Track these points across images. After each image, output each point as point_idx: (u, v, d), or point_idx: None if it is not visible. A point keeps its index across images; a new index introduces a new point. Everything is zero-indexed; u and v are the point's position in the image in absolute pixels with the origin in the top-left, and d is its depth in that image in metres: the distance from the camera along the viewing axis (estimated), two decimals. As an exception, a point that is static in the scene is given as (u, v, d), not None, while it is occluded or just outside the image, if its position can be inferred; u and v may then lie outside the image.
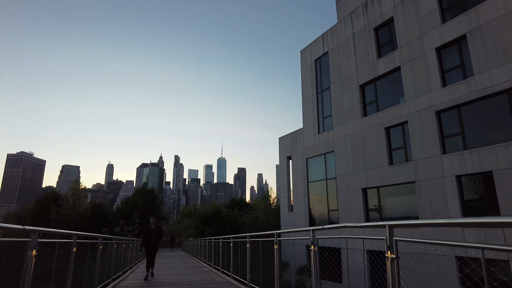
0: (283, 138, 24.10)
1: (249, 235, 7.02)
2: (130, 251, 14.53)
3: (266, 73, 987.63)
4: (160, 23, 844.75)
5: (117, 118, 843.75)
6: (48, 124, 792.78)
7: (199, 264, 14.27)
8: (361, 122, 17.62)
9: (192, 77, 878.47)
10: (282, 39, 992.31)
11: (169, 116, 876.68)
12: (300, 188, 21.31)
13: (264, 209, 26.46)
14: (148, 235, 10.13)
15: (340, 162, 18.48)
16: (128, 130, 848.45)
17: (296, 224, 21.38)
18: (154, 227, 10.34)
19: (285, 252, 17.76)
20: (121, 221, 24.53)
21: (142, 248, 10.26)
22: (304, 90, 22.49)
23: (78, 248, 6.37)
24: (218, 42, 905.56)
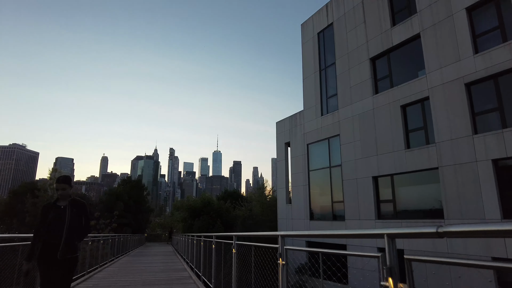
0: (280, 122, 21.70)
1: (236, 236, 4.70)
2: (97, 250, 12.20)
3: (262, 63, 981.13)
4: (155, 14, 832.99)
5: (111, 110, 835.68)
6: (41, 116, 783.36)
7: (180, 266, 11.94)
8: (372, 101, 15.27)
9: (186, 69, 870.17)
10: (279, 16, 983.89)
11: (164, 109, 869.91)
12: (299, 178, 18.99)
13: (259, 201, 24.22)
14: (49, 224, 3.91)
15: (346, 147, 16.16)
16: (123, 122, 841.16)
17: (295, 217, 19.11)
18: (68, 205, 4.07)
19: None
20: (97, 213, 22.14)
21: (33, 262, 3.84)
22: (305, 68, 20.05)
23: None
24: (213, 30, 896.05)
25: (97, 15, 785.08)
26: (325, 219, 17.20)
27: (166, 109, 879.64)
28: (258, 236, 4.03)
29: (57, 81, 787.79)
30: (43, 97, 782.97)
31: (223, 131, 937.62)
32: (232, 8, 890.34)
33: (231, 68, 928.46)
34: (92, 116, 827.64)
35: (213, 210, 22.33)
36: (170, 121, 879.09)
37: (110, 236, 14.21)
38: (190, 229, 22.20)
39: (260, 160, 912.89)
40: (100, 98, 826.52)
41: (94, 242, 11.14)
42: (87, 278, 8.39)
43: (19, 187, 29.66)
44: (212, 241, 6.32)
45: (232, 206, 24.98)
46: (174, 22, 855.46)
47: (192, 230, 21.46)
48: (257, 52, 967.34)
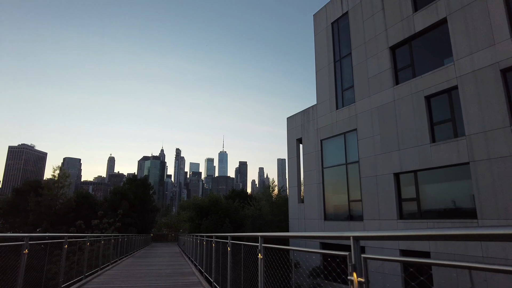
0: (292, 118, 20.70)
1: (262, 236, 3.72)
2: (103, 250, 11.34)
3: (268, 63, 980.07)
4: (160, 15, 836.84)
5: (118, 111, 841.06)
6: (50, 116, 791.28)
7: (187, 269, 11.00)
8: (392, 92, 14.21)
9: (192, 70, 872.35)
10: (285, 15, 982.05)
11: (170, 109, 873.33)
12: (312, 176, 17.98)
13: (268, 201, 23.27)
14: None
15: (364, 143, 15.12)
16: (129, 122, 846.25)
17: (308, 217, 18.11)
18: None
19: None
20: (100, 212, 21.36)
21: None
22: (318, 60, 19.03)
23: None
24: (216, 30, 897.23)
25: (104, 17, 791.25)
26: (340, 219, 16.18)
27: (172, 110, 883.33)
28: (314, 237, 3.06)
29: (65, 82, 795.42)
30: (52, 98, 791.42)
31: (228, 131, 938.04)
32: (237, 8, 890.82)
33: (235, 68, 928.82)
34: (99, 117, 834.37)
35: (221, 209, 21.40)
36: (176, 122, 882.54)
37: (113, 236, 13.34)
38: (197, 229, 21.31)
39: (266, 161, 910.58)
40: (107, 99, 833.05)
41: (94, 243, 10.28)
42: (83, 284, 7.50)
43: (22, 186, 29.02)
44: (228, 243, 5.36)
45: (241, 205, 24.05)
46: (178, 22, 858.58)
47: (200, 230, 20.57)
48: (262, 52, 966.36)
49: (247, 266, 4.50)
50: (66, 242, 7.09)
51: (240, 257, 4.81)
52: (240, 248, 4.91)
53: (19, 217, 25.86)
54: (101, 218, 20.12)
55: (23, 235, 4.70)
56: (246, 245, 4.66)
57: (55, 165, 28.86)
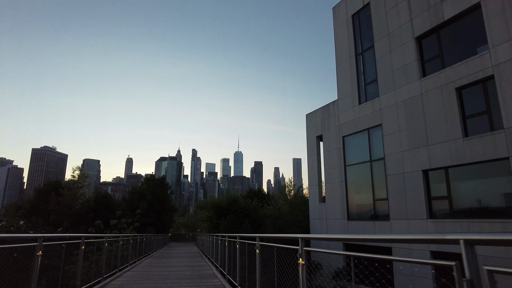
0: (311, 114, 20.09)
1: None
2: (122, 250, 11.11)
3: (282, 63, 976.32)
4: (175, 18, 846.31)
5: (136, 113, 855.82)
6: (70, 119, 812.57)
7: (208, 271, 10.61)
8: (419, 85, 13.45)
9: (207, 71, 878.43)
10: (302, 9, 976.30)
11: (186, 110, 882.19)
12: (334, 174, 17.34)
13: (287, 200, 22.73)
14: None
15: (390, 138, 14.40)
16: (146, 124, 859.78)
17: (329, 217, 17.49)
18: None
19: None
20: (119, 211, 21.33)
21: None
22: (339, 54, 18.37)
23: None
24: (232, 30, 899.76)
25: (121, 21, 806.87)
26: (365, 219, 15.50)
27: (188, 111, 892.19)
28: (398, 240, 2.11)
29: (85, 87, 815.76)
30: (72, 102, 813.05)
31: (244, 131, 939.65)
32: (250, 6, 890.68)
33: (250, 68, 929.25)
34: (117, 119, 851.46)
35: (240, 209, 21.01)
36: (192, 123, 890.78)
37: (132, 236, 13.12)
38: (216, 228, 21.02)
39: (281, 160, 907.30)
40: (125, 102, 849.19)
41: (113, 243, 10.03)
42: (102, 286, 7.20)
43: (43, 186, 29.53)
44: (256, 245, 4.88)
45: (259, 205, 23.59)
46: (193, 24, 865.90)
47: (219, 229, 20.26)
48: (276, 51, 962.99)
49: (282, 271, 4.04)
50: (83, 243, 6.82)
51: (271, 261, 4.35)
52: (271, 250, 4.44)
53: (41, 217, 26.26)
54: (120, 218, 20.07)
55: (36, 236, 4.41)
56: (280, 248, 4.17)
57: (74, 165, 29.27)
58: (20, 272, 5.82)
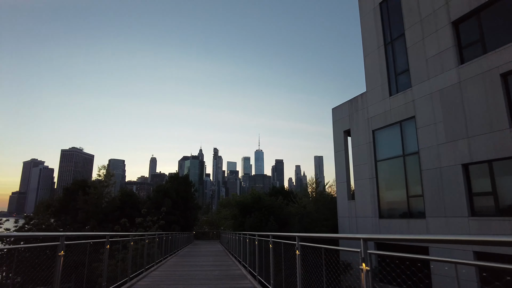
0: (338, 108, 19.34)
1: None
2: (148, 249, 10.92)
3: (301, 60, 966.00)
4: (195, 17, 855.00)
5: (159, 113, 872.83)
6: (96, 121, 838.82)
7: (236, 271, 10.22)
8: (457, 72, 12.50)
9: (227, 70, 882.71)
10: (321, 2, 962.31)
11: (207, 110, 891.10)
12: (364, 170, 16.57)
13: (313, 198, 22.07)
14: None
15: (425, 131, 13.51)
16: (169, 124, 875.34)
17: (359, 215, 16.74)
18: None
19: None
20: (144, 209, 21.37)
21: None
22: (366, 45, 17.54)
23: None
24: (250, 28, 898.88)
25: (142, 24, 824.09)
26: (398, 217, 14.68)
27: (209, 110, 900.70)
28: None
29: (110, 88, 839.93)
30: (97, 104, 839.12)
31: (264, 130, 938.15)
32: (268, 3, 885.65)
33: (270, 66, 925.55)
34: (141, 120, 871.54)
35: (264, 206, 20.58)
36: (213, 122, 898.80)
37: (157, 234, 12.94)
38: (241, 226, 20.70)
39: (303, 158, 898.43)
40: (148, 103, 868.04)
41: (138, 241, 9.81)
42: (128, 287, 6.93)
43: (71, 185, 30.27)
44: (296, 245, 4.38)
45: (285, 203, 23.06)
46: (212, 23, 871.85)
47: (244, 227, 19.92)
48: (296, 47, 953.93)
49: (331, 277, 3.55)
50: (108, 242, 6.57)
51: (317, 264, 3.86)
52: (316, 252, 3.94)
53: (69, 215, 26.87)
54: (145, 216, 20.10)
55: (58, 234, 4.13)
56: (330, 250, 3.64)
57: (100, 164, 29.83)
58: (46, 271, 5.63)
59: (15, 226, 21.14)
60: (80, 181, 30.95)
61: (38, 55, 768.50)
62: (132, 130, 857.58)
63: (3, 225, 19.67)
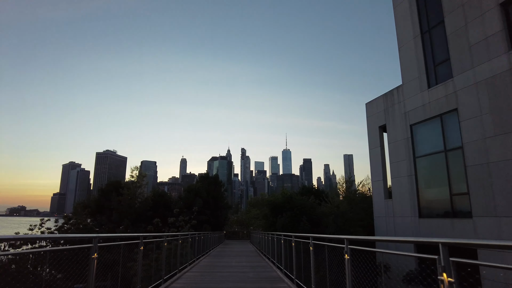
0: (372, 103, 18.52)
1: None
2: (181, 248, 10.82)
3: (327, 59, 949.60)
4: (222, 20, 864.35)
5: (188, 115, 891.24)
6: (128, 124, 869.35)
7: (271, 272, 9.89)
8: (507, 59, 11.45)
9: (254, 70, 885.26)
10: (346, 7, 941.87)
11: (234, 110, 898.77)
12: (402, 167, 15.70)
13: (347, 197, 21.31)
14: None
15: (469, 124, 12.53)
16: (198, 126, 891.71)
17: (397, 214, 15.89)
18: None
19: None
20: (176, 209, 21.57)
21: None
22: (401, 35, 16.63)
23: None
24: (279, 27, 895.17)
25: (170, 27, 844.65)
26: (440, 216, 13.74)
27: (237, 111, 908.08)
28: None
29: (142, 93, 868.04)
30: (130, 108, 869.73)
31: (291, 129, 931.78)
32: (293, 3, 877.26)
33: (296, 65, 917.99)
34: (172, 122, 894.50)
35: (296, 206, 20.11)
36: (240, 123, 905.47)
37: (190, 234, 12.86)
38: (272, 226, 20.37)
39: (331, 157, 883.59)
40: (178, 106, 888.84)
41: (172, 242, 9.72)
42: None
43: (106, 186, 31.28)
44: (345, 249, 3.95)
45: (316, 202, 22.43)
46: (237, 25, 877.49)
47: (275, 227, 19.58)
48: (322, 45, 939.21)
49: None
50: (142, 243, 6.45)
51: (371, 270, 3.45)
52: (369, 257, 3.53)
53: (104, 215, 27.73)
54: (177, 216, 20.25)
55: (91, 236, 3.98)
56: (397, 256, 3.17)
57: (133, 165, 30.66)
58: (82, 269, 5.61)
59: (55, 225, 22.03)
60: (114, 182, 31.89)
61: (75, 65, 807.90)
62: (163, 132, 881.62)
63: (45, 224, 20.56)
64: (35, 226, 19.64)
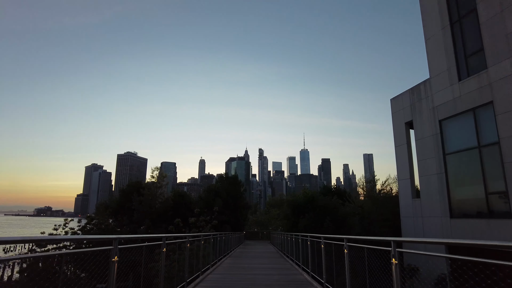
0: (397, 98, 17.77)
1: None
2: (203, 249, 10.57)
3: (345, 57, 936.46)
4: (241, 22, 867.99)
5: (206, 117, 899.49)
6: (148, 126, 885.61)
7: (297, 275, 9.49)
8: (548, 47, 10.61)
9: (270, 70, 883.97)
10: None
11: (252, 111, 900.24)
12: (430, 165, 14.94)
13: (372, 197, 20.55)
14: None
15: (507, 118, 11.71)
16: (216, 127, 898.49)
17: (426, 215, 15.13)
18: None
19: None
20: (197, 209, 21.44)
21: None
22: (428, 26, 15.85)
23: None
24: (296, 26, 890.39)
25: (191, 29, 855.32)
26: (474, 216, 12.93)
27: (254, 111, 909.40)
28: None
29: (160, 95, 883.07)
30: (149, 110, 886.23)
31: (309, 129, 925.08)
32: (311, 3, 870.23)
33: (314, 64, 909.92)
34: (190, 124, 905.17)
35: (319, 206, 19.55)
36: (257, 123, 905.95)
37: (212, 234, 12.60)
38: (294, 227, 19.89)
39: (350, 157, 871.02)
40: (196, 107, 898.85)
41: (193, 242, 9.46)
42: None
43: (126, 187, 31.65)
44: (391, 253, 3.50)
45: (340, 202, 21.71)
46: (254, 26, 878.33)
47: (298, 228, 19.09)
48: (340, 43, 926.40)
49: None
50: (164, 244, 6.18)
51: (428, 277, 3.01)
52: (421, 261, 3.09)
53: (125, 215, 28.00)
54: (198, 216, 20.11)
55: (111, 237, 3.70)
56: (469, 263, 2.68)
57: (153, 166, 30.88)
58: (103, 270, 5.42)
59: (78, 225, 22.37)
60: (135, 182, 32.22)
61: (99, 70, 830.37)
62: (181, 133, 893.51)
63: (68, 224, 20.89)
64: (59, 226, 19.97)
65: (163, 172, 32.37)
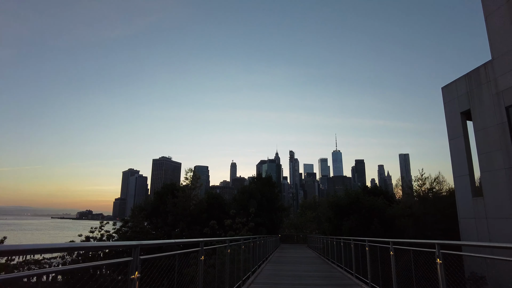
0: (450, 86, 15.97)
1: None
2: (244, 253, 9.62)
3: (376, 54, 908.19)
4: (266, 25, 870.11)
5: (237, 120, 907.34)
6: (181, 131, 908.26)
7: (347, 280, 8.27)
8: None
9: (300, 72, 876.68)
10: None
11: (281, 113, 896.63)
12: (496, 158, 13.08)
13: (422, 197, 18.71)
14: None
15: None
16: (246, 130, 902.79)
17: (491, 216, 13.25)
18: None
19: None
20: (232, 210, 20.63)
21: None
22: (487, 2, 14.03)
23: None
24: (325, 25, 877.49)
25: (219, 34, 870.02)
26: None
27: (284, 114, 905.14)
28: None
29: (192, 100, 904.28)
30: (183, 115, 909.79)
31: (341, 129, 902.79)
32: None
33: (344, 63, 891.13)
34: (221, 128, 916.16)
35: (365, 207, 18.05)
36: (287, 125, 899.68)
37: (251, 238, 11.63)
38: (338, 230, 18.50)
39: (385, 157, 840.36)
40: (227, 112, 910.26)
41: (232, 246, 8.52)
42: None
43: (161, 189, 31.66)
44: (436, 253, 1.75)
45: (387, 203, 19.94)
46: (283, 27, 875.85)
47: (341, 231, 17.72)
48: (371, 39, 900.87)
49: None
50: (202, 251, 5.26)
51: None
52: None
53: (160, 218, 27.87)
54: (234, 217, 19.31)
55: (131, 245, 2.77)
56: None
57: (187, 168, 30.59)
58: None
59: (114, 228, 22.32)
60: (169, 185, 32.13)
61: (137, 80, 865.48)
62: (213, 137, 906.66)
63: (104, 227, 20.85)
64: (95, 228, 19.94)
65: (197, 173, 32.08)
